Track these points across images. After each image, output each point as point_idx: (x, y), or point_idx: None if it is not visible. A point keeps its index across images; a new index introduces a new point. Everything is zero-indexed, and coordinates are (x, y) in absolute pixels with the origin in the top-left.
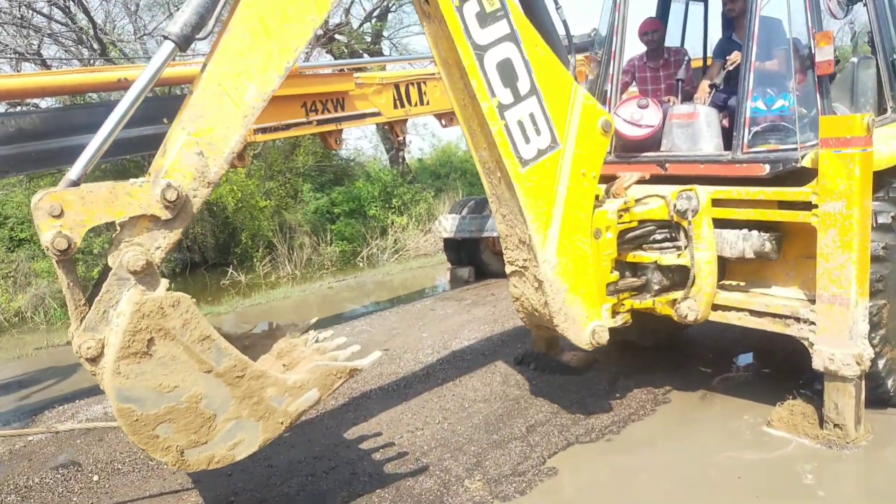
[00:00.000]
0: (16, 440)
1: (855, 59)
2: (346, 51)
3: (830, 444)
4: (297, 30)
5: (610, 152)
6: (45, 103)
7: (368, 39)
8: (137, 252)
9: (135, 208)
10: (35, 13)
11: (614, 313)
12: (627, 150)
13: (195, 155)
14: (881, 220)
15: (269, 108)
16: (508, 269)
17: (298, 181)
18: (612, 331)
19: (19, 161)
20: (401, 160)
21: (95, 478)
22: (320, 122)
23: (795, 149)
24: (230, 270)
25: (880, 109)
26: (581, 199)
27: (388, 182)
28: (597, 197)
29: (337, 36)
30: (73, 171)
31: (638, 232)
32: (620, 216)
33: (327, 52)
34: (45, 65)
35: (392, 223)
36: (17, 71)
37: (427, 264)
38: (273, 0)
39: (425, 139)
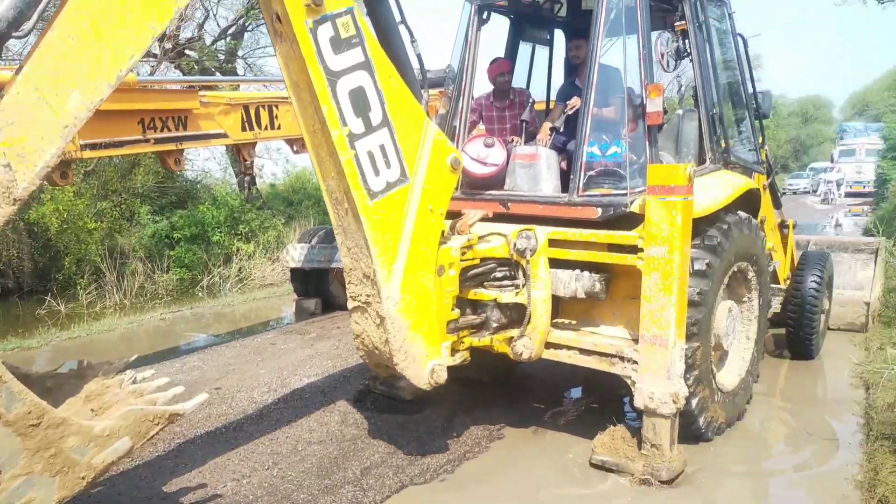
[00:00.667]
0: None
1: (680, 111)
2: (196, 67)
3: (647, 474)
4: (134, 37)
5: (457, 188)
6: None
7: (222, 57)
8: None
9: None
10: None
11: (454, 351)
12: (473, 187)
13: (1, 167)
14: (697, 266)
15: (101, 123)
16: (351, 304)
17: (136, 202)
18: (451, 367)
19: None
20: (248, 185)
21: None
22: (158, 141)
23: (625, 194)
24: (48, 299)
25: (701, 159)
26: (427, 234)
27: (235, 207)
28: (442, 233)
29: (188, 51)
30: None
31: (480, 269)
32: (464, 253)
33: (176, 68)
34: None
35: (238, 250)
36: None
37: (273, 294)
38: (109, 1)
39: (279, 164)
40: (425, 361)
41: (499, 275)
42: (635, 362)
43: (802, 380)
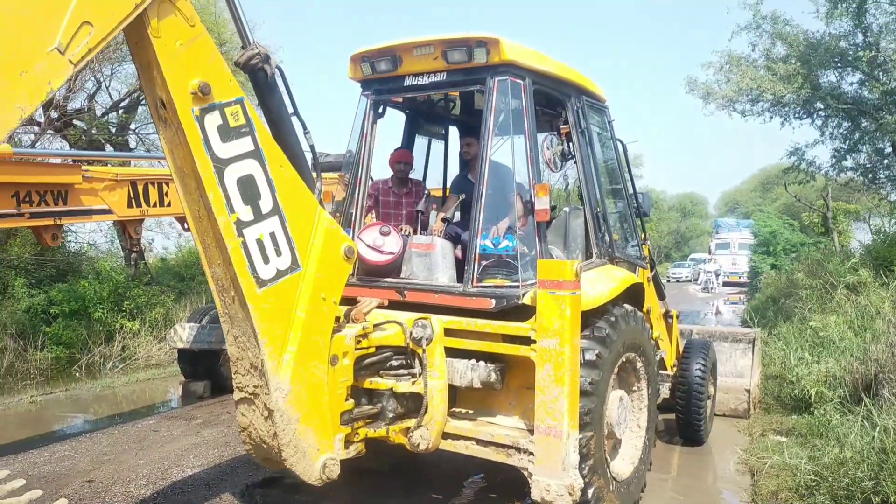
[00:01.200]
0: None
1: (567, 209)
2: (84, 138)
3: None
4: (6, 109)
5: (353, 275)
6: None
7: (113, 130)
8: None
9: None
10: None
11: (348, 443)
12: (369, 273)
13: None
14: (588, 356)
15: None
16: (237, 395)
17: (10, 274)
18: (347, 459)
19: None
20: (134, 263)
21: None
22: (34, 216)
23: (517, 286)
24: None
25: (587, 254)
26: (320, 323)
27: (120, 282)
28: (336, 319)
29: (76, 121)
30: None
31: (375, 358)
32: (359, 341)
33: (62, 138)
34: None
35: (121, 328)
36: None
37: (158, 376)
38: None
39: (171, 238)
40: (317, 456)
41: (395, 363)
42: (531, 453)
43: (693, 467)
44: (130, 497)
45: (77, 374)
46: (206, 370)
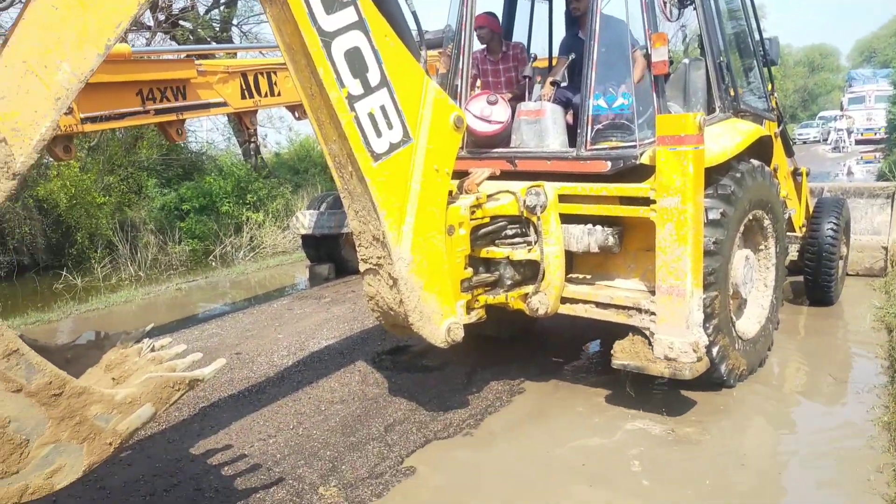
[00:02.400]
0: None
1: (686, 61)
2: (191, 37)
3: (671, 374)
4: (120, 4)
5: (462, 147)
6: None
7: (216, 27)
8: None
9: None
10: None
11: (469, 309)
12: (478, 145)
13: None
14: (711, 215)
15: (100, 95)
16: (362, 266)
17: (142, 176)
18: (468, 325)
19: None
20: (253, 153)
21: None
22: (158, 112)
23: (635, 146)
24: (64, 273)
25: (710, 108)
26: (434, 194)
27: (241, 177)
28: (450, 193)
29: (181, 21)
30: None
31: (490, 228)
32: (473, 212)
33: (171, 39)
34: None
35: (247, 220)
36: None
37: (285, 262)
38: None
39: (282, 133)
40: (441, 320)
41: (510, 232)
42: (652, 313)
43: (823, 326)
44: (275, 365)
45: (213, 264)
46: (329, 253)
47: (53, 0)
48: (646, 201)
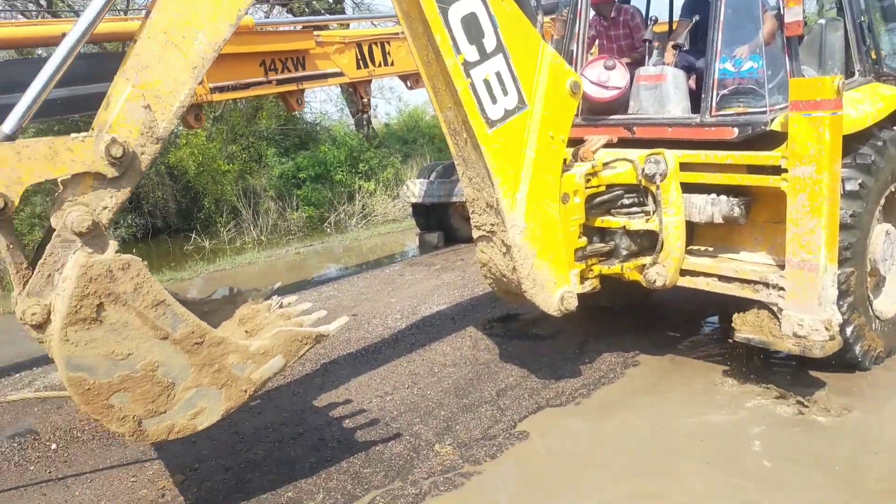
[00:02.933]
0: None
1: (822, 21)
2: (306, 10)
3: (799, 350)
4: None
5: (577, 115)
6: None
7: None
8: (82, 212)
9: (77, 165)
10: None
11: (583, 279)
12: (594, 112)
13: (141, 108)
14: (849, 186)
15: (226, 66)
16: (476, 233)
17: (262, 145)
18: (581, 295)
19: None
20: (366, 123)
21: (53, 446)
22: (280, 82)
23: (765, 112)
24: (193, 236)
25: (848, 72)
26: (549, 162)
27: (354, 146)
28: (564, 160)
29: None
30: (7, 125)
31: (606, 197)
32: (588, 180)
33: (287, 11)
34: None
35: (359, 188)
36: None
37: (395, 230)
38: None
39: (391, 103)
40: (554, 289)
41: (626, 201)
42: (781, 289)
43: None
44: (389, 328)
45: (327, 230)
46: (438, 222)
47: None
48: (776, 170)
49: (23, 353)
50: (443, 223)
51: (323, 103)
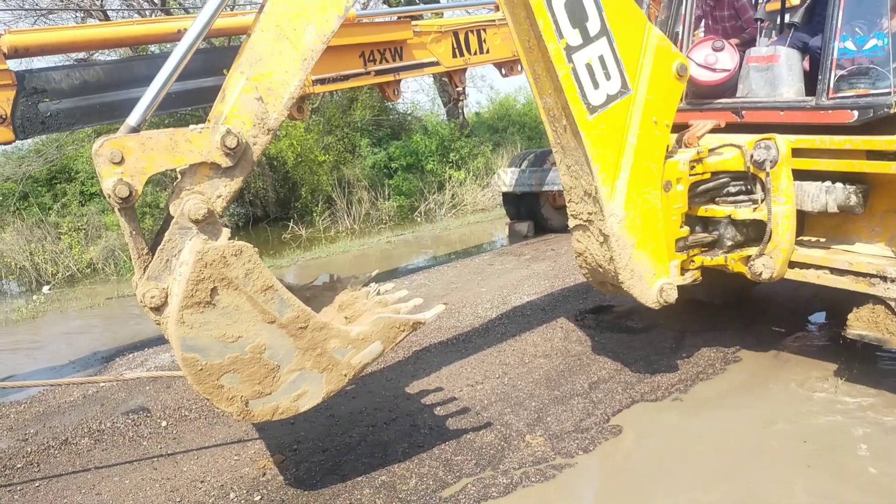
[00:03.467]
0: (89, 386)
1: None
2: (402, 1)
3: None
4: None
5: (682, 99)
6: (110, 58)
7: None
8: (199, 200)
9: (195, 155)
10: None
11: (683, 270)
12: (700, 96)
13: (254, 100)
14: None
15: (327, 59)
16: (572, 222)
17: (356, 136)
18: (679, 288)
19: (85, 113)
20: (459, 112)
21: (164, 423)
22: (378, 73)
23: (889, 93)
24: (291, 224)
25: None
26: (652, 148)
27: (445, 136)
28: (667, 147)
29: None
30: (133, 118)
31: (711, 184)
32: (692, 167)
33: (383, 3)
34: (106, 18)
35: (450, 178)
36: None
37: (485, 219)
38: None
39: (482, 91)
40: (653, 280)
41: (733, 189)
42: None
43: None
44: (479, 317)
45: (418, 219)
46: (529, 211)
47: None
48: None
49: (136, 335)
50: (533, 212)
51: (415, 93)
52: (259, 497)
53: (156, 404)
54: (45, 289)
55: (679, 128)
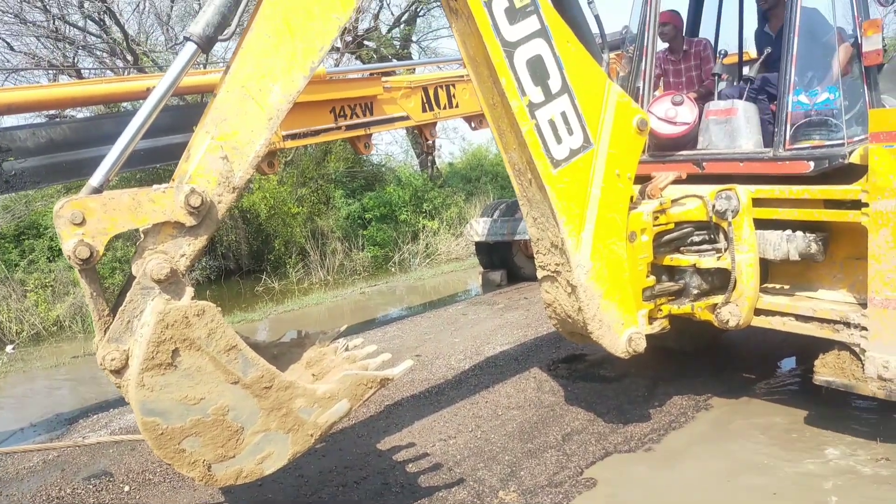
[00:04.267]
0: (48, 451)
1: None
2: (374, 56)
3: (886, 395)
4: (322, 29)
5: (644, 151)
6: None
7: (397, 44)
8: (161, 260)
9: (158, 215)
10: (70, 26)
11: (651, 319)
12: (662, 148)
13: (219, 159)
14: None
15: (298, 114)
16: (540, 273)
17: (330, 187)
18: (649, 337)
19: (51, 171)
20: (430, 164)
21: (126, 488)
22: (349, 128)
23: (842, 144)
24: (264, 277)
25: None
26: (615, 200)
27: (418, 186)
28: (631, 198)
29: (366, 42)
30: (95, 178)
31: (675, 234)
32: (656, 218)
33: (356, 59)
34: (80, 76)
35: (423, 227)
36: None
37: (459, 268)
38: None
39: (455, 143)
40: (622, 330)
41: (696, 239)
42: (864, 328)
43: None
44: (452, 368)
45: (392, 269)
46: (501, 260)
47: (267, 29)
48: (856, 204)
49: (101, 394)
50: (506, 261)
51: (389, 145)
52: None
53: (119, 468)
54: (9, 348)
55: (642, 179)
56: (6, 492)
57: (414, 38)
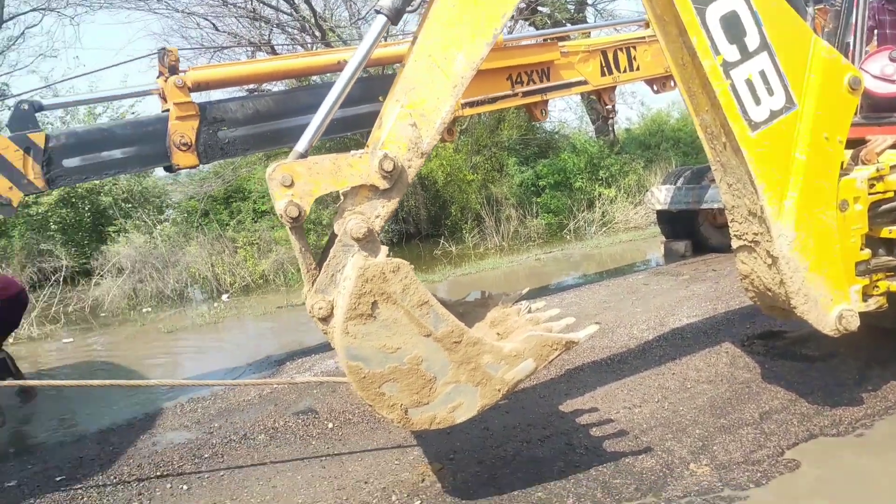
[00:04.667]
0: (263, 387)
1: None
2: (548, 22)
3: None
4: None
5: (857, 113)
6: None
7: (572, 8)
8: (360, 220)
9: (356, 178)
10: (264, 5)
11: (866, 296)
12: (878, 109)
13: (409, 126)
14: None
15: (475, 82)
16: (735, 243)
17: (504, 155)
18: (862, 315)
19: (257, 139)
20: (609, 129)
21: (330, 425)
22: (526, 94)
23: None
24: (441, 241)
25: None
26: (824, 166)
27: (594, 153)
28: (842, 164)
29: (539, 7)
30: (300, 145)
31: (894, 204)
32: (872, 185)
33: (530, 25)
34: (274, 52)
35: (599, 195)
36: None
37: (637, 237)
38: None
39: (633, 108)
40: (830, 306)
41: None
42: None
43: None
44: (634, 338)
45: (567, 237)
46: (686, 230)
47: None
48: None
49: (303, 341)
50: (691, 231)
51: (562, 112)
52: (419, 502)
53: (323, 407)
54: (225, 297)
55: (854, 143)
56: (230, 419)
57: (589, 1)
